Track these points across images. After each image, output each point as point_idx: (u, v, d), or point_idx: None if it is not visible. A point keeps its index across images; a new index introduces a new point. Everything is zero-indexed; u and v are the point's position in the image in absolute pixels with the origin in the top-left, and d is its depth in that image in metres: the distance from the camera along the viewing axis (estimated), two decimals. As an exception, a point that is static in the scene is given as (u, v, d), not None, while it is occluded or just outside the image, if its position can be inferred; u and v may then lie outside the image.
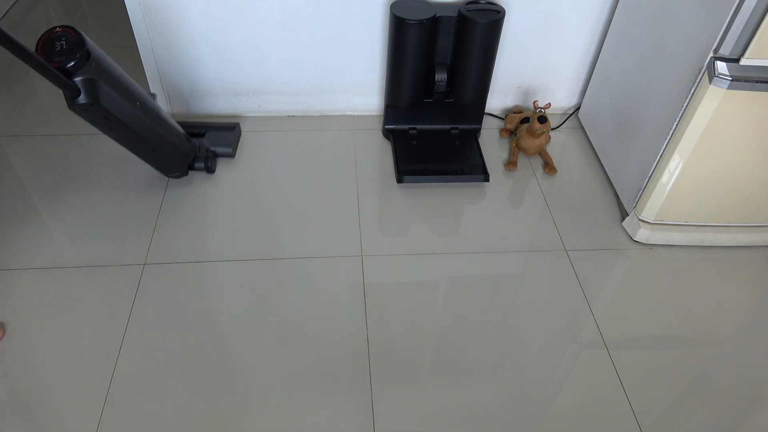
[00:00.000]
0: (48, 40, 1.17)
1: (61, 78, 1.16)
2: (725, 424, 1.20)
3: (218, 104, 1.83)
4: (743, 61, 1.17)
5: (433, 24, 1.55)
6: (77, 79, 1.19)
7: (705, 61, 1.21)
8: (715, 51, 1.19)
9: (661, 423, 1.18)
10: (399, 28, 1.54)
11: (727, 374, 1.28)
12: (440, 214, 1.58)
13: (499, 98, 1.90)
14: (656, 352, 1.31)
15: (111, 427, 1.12)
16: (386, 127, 1.79)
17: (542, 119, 1.64)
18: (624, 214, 1.57)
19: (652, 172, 1.42)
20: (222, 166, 1.68)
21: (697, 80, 1.23)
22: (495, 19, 1.54)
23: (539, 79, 1.86)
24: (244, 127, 1.82)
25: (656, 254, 1.51)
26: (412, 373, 1.23)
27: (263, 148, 1.75)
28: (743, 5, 1.10)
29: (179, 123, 1.63)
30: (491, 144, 1.82)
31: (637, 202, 1.49)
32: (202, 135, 1.70)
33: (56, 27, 1.19)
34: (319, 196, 1.61)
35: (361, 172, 1.69)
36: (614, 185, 1.64)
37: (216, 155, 1.68)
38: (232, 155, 1.70)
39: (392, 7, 1.54)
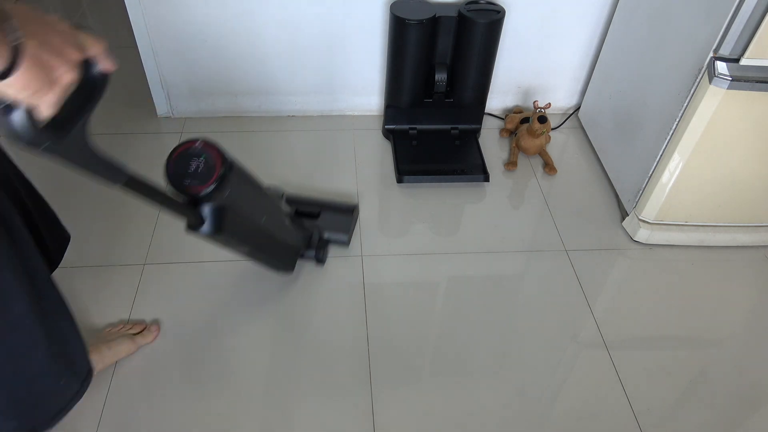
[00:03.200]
0: (184, 153, 0.97)
1: (184, 209, 0.97)
2: (725, 424, 1.20)
3: (218, 104, 1.83)
4: (743, 61, 1.17)
5: (433, 24, 1.55)
6: (205, 207, 0.99)
7: (705, 61, 1.21)
8: (715, 51, 1.19)
9: (661, 423, 1.18)
10: (399, 28, 1.54)
11: (727, 374, 1.28)
12: (440, 214, 1.58)
13: (499, 98, 1.90)
14: (656, 352, 1.31)
15: (111, 428, 1.12)
16: (386, 127, 1.79)
17: (542, 119, 1.64)
18: (624, 214, 1.57)
19: (652, 172, 1.42)
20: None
21: (697, 80, 1.23)
22: (495, 19, 1.54)
23: (539, 79, 1.86)
24: (243, 128, 1.82)
25: (656, 254, 1.51)
26: (412, 373, 1.23)
27: (263, 149, 1.75)
28: (743, 5, 1.10)
29: (294, 199, 1.49)
30: (491, 144, 1.82)
31: (637, 202, 1.49)
32: (316, 216, 1.47)
33: (197, 140, 0.99)
34: (318, 196, 1.61)
35: (361, 172, 1.69)
36: (614, 185, 1.64)
37: (329, 242, 1.45)
38: (346, 243, 1.46)
39: (392, 7, 1.54)
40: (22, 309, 0.74)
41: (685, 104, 1.28)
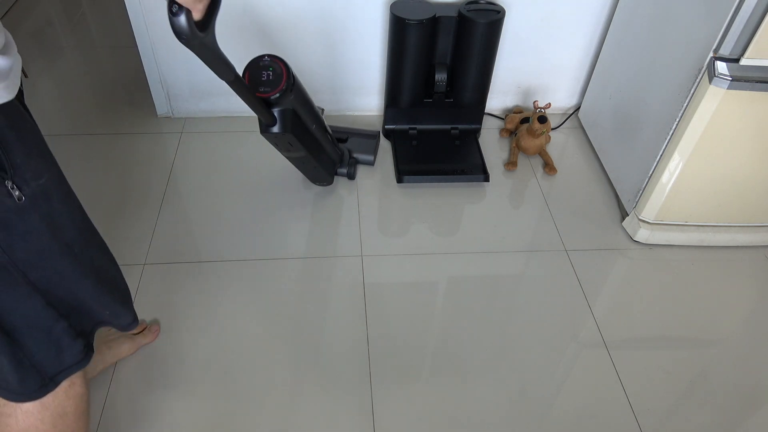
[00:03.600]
0: (256, 67, 1.20)
1: (264, 109, 1.19)
2: (725, 424, 1.20)
3: (218, 104, 1.83)
4: (743, 61, 1.17)
5: (433, 24, 1.55)
6: (275, 110, 1.22)
7: (705, 61, 1.21)
8: (715, 51, 1.19)
9: (661, 423, 1.18)
10: (399, 28, 1.54)
11: (727, 374, 1.28)
12: (440, 214, 1.58)
13: (499, 98, 1.90)
14: (656, 352, 1.31)
15: (111, 428, 1.12)
16: (386, 127, 1.79)
17: (542, 119, 1.64)
18: (624, 214, 1.57)
19: (652, 172, 1.42)
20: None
21: (697, 80, 1.23)
22: (495, 19, 1.54)
23: (539, 79, 1.86)
24: (243, 127, 1.82)
25: (656, 254, 1.51)
26: (412, 373, 1.23)
27: (263, 149, 1.75)
28: (743, 5, 1.10)
29: (332, 126, 1.64)
30: (491, 144, 1.82)
31: (637, 202, 1.49)
32: (344, 140, 1.69)
33: (265, 56, 1.21)
34: (319, 195, 1.61)
35: (361, 172, 1.69)
36: (614, 185, 1.64)
37: (357, 162, 1.67)
38: (372, 163, 1.69)
39: (392, 7, 1.54)
40: (71, 238, 0.77)
41: (685, 104, 1.28)
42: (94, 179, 1.61)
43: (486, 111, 1.84)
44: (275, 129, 1.24)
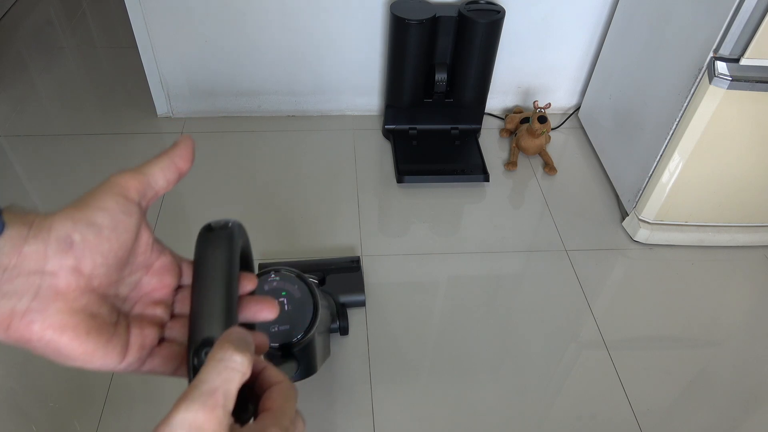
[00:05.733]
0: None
1: (287, 359, 0.78)
2: (725, 424, 1.20)
3: (218, 104, 1.83)
4: (743, 61, 1.17)
5: (433, 24, 1.55)
6: (295, 350, 0.83)
7: (705, 61, 1.21)
8: (715, 51, 1.19)
9: (661, 423, 1.18)
10: (399, 28, 1.54)
11: (727, 374, 1.28)
12: (440, 214, 1.58)
13: (499, 98, 1.90)
14: (656, 352, 1.31)
15: (111, 427, 1.12)
16: (386, 127, 1.79)
17: (542, 119, 1.64)
18: (624, 214, 1.57)
19: (652, 172, 1.42)
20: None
21: (697, 80, 1.23)
22: (495, 19, 1.54)
23: (539, 79, 1.86)
24: (243, 127, 1.82)
25: (656, 254, 1.51)
26: (412, 373, 1.23)
27: (263, 149, 1.75)
28: (743, 5, 1.10)
29: (292, 265, 1.17)
30: (491, 144, 1.82)
31: (637, 202, 1.49)
32: (322, 281, 1.31)
33: (270, 270, 0.77)
34: (318, 196, 1.61)
35: (361, 172, 1.69)
36: (614, 185, 1.64)
37: (345, 307, 1.29)
38: (364, 304, 1.33)
39: (392, 7, 1.54)
40: None
41: (685, 104, 1.28)
42: (93, 179, 1.59)
43: (486, 111, 1.84)
44: (296, 377, 0.87)
